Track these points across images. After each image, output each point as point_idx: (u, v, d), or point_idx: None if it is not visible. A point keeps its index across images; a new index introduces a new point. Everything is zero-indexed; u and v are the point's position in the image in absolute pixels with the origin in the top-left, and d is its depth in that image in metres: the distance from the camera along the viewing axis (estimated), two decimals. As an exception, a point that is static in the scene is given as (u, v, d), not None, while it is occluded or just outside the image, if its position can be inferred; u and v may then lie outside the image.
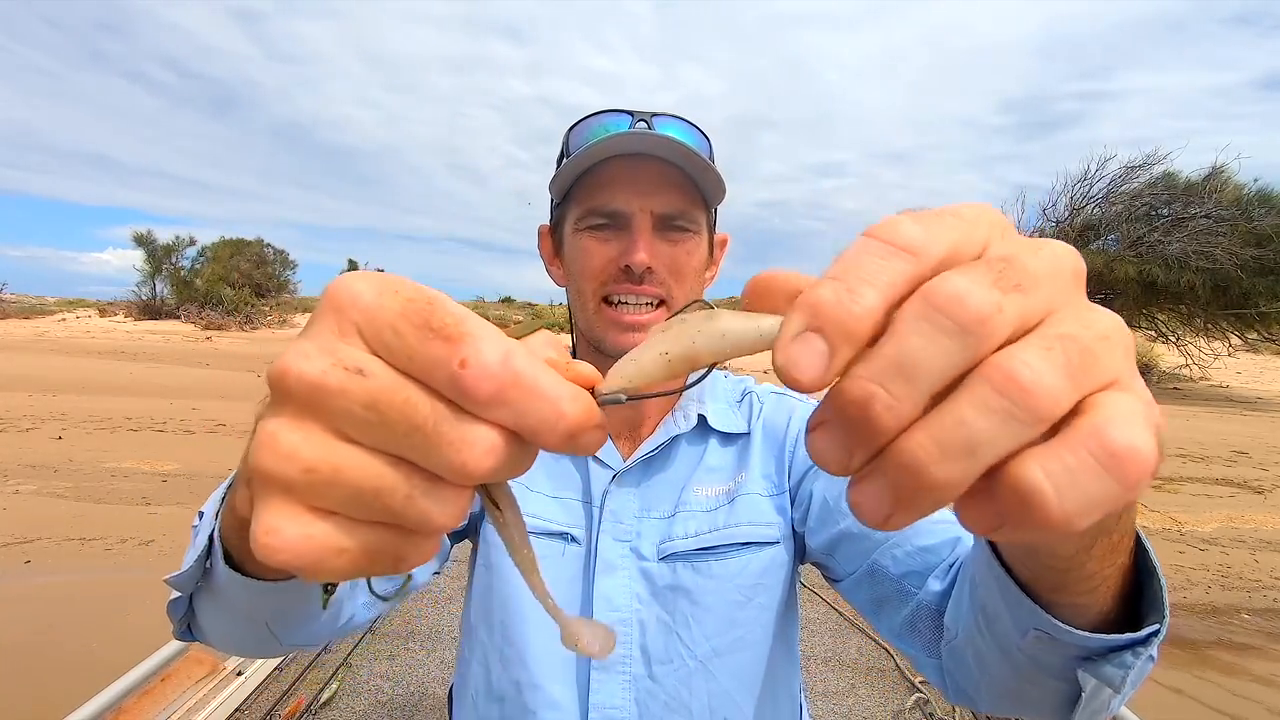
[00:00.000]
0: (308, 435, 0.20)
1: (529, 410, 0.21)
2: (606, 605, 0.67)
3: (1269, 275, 13.35)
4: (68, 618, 2.91)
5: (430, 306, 0.21)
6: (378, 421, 0.20)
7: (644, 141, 0.64)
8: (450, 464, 0.20)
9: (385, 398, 0.20)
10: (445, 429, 0.20)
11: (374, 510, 0.21)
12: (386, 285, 0.21)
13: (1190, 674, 2.93)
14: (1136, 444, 0.17)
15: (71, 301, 25.44)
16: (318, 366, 0.20)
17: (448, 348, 0.20)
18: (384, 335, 0.21)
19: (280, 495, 0.21)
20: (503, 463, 0.21)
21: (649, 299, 0.68)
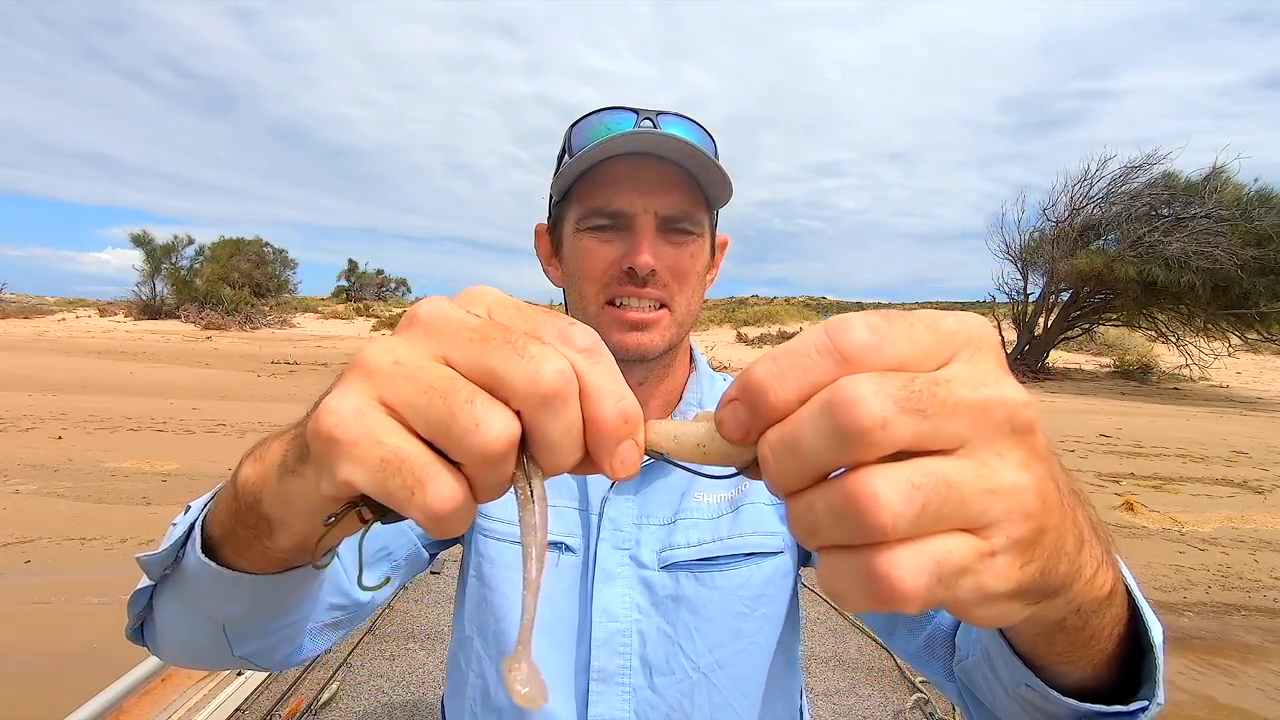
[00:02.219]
0: (414, 346, 0.24)
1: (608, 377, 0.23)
2: (605, 616, 0.66)
3: (1269, 275, 13.34)
4: (68, 618, 2.91)
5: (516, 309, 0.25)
6: (480, 338, 0.23)
7: (649, 141, 0.63)
8: (526, 370, 0.22)
9: (492, 324, 0.24)
10: (533, 348, 0.23)
11: (433, 413, 0.22)
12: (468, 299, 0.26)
13: (1190, 674, 2.93)
14: (896, 579, 0.19)
15: (71, 301, 25.44)
16: (450, 306, 0.25)
17: (560, 318, 0.25)
18: (508, 311, 0.25)
19: (362, 379, 0.24)
20: (566, 388, 0.22)
21: (651, 302, 0.67)
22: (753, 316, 24.68)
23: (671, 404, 0.76)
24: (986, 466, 0.20)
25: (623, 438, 0.23)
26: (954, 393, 0.20)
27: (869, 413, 0.19)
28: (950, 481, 0.19)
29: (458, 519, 0.23)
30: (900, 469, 0.19)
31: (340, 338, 19.08)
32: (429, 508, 0.23)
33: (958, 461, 0.20)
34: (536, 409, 0.22)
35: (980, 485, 0.20)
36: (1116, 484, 5.96)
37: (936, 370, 0.21)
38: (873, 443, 0.19)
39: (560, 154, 0.72)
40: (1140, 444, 7.93)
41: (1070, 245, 15.50)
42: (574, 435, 0.23)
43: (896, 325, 0.21)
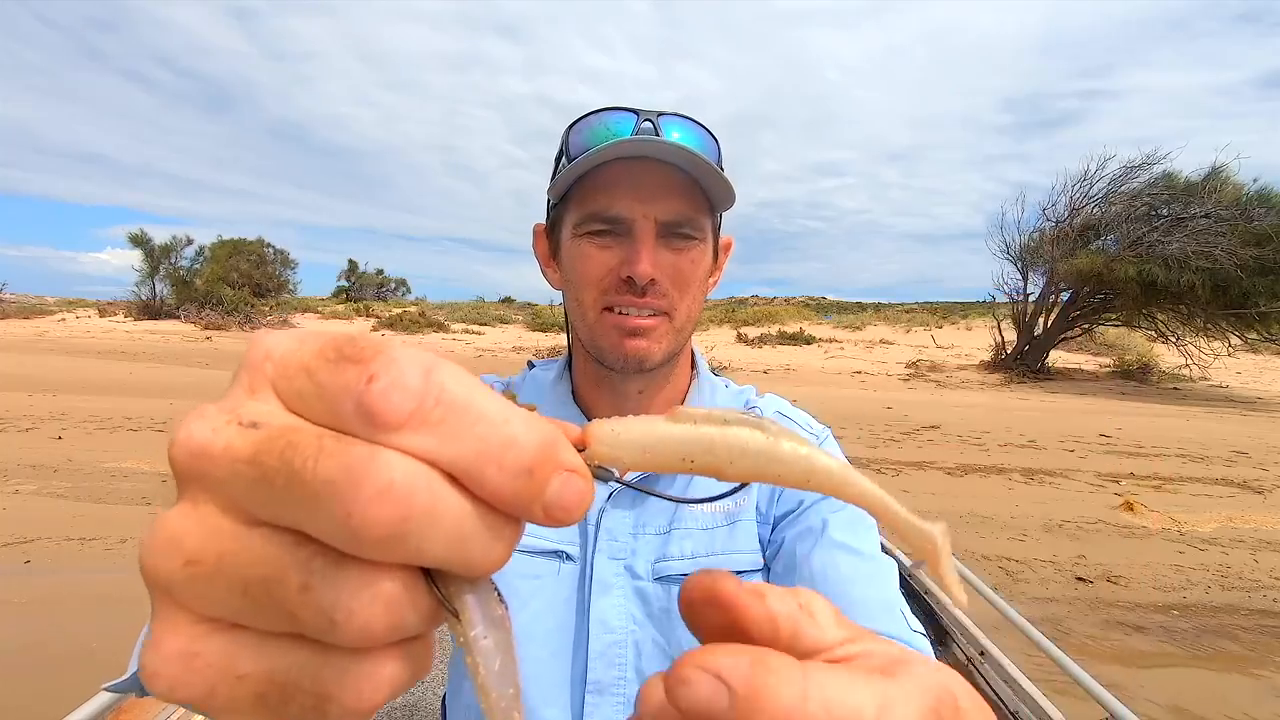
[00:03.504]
0: (200, 519, 0.17)
1: (461, 432, 0.16)
2: (602, 628, 0.66)
3: (1269, 275, 13.32)
4: (68, 618, 2.91)
5: (351, 339, 0.17)
6: (259, 477, 0.16)
7: (648, 147, 0.62)
8: (336, 519, 0.15)
9: (267, 444, 0.16)
10: (330, 468, 0.15)
11: (269, 614, 0.16)
12: (308, 333, 0.18)
13: (1190, 674, 2.93)
14: None
15: (71, 301, 25.45)
16: (208, 428, 0.17)
17: (357, 369, 0.16)
18: (297, 380, 0.17)
19: (166, 601, 0.17)
20: (421, 509, 0.15)
21: (651, 310, 0.66)
22: (753, 316, 24.68)
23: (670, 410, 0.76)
24: None
25: (538, 493, 0.17)
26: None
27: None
28: None
29: (406, 684, 0.18)
30: None
31: (340, 338, 19.06)
32: (359, 711, 0.17)
33: None
34: (387, 553, 0.16)
35: None
36: (1116, 484, 5.96)
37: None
38: None
39: (558, 155, 0.71)
40: (1140, 444, 7.93)
41: (1070, 245, 15.49)
42: (471, 537, 0.16)
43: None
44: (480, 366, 13.55)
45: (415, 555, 0.16)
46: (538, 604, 0.66)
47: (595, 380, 0.73)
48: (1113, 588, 3.77)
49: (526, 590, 0.66)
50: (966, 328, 23.43)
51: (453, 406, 0.16)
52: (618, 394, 0.72)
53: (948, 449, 7.18)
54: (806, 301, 37.34)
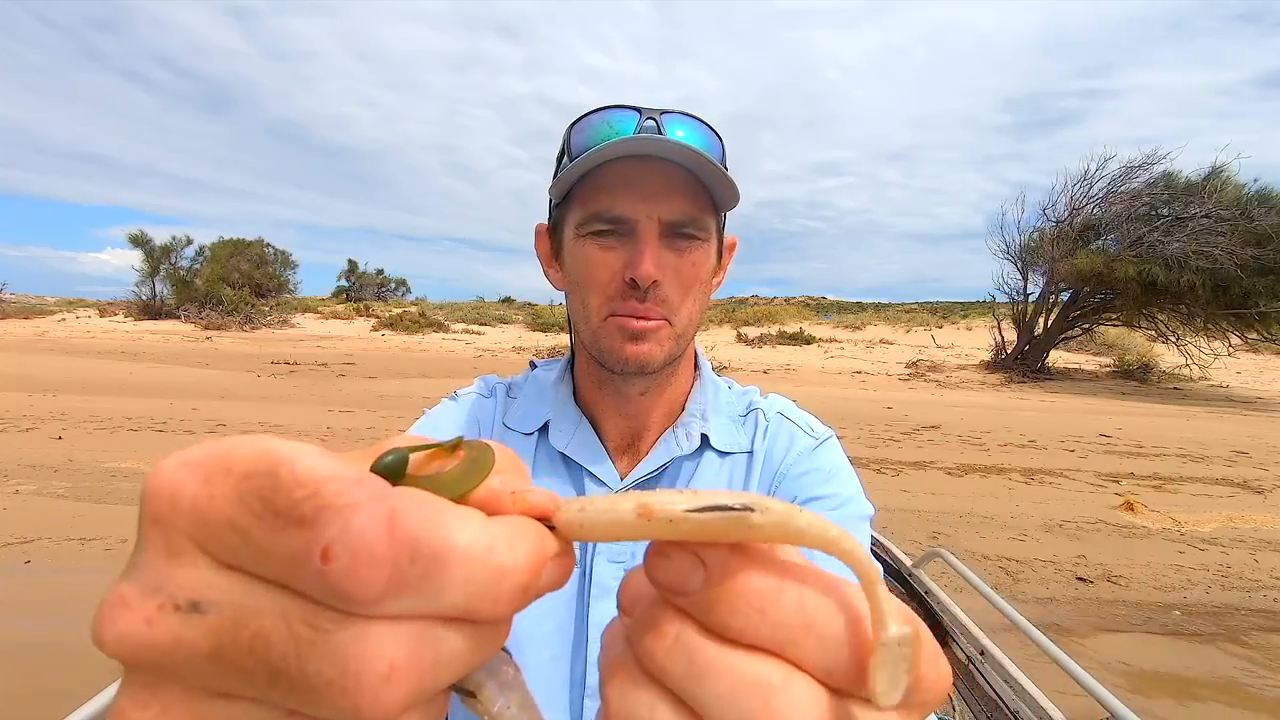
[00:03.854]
0: (161, 711, 0.14)
1: (447, 582, 0.15)
2: (602, 631, 0.65)
3: (1269, 275, 13.33)
4: (68, 618, 2.91)
5: (272, 480, 0.14)
6: (232, 673, 0.14)
7: (651, 146, 0.61)
8: (340, 708, 0.14)
9: (229, 639, 0.14)
10: (317, 662, 0.13)
11: None
12: (213, 466, 0.15)
13: (1190, 674, 2.93)
14: None
15: (71, 301, 25.45)
16: (139, 618, 0.14)
17: (303, 536, 0.14)
18: (226, 539, 0.14)
19: None
20: (430, 669, 0.15)
21: (654, 318, 0.66)
22: (753, 316, 24.68)
23: (674, 413, 0.75)
24: None
25: (533, 591, 0.16)
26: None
27: None
28: None
29: None
30: None
31: (340, 338, 19.08)
32: None
33: None
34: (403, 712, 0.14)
35: None
36: (1116, 484, 5.96)
37: None
38: None
39: (560, 154, 0.70)
40: (1140, 444, 7.93)
41: (1070, 245, 15.49)
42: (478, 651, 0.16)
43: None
44: (480, 366, 13.55)
45: (431, 697, 0.15)
46: (538, 607, 0.65)
47: (597, 382, 0.73)
48: (1113, 588, 3.77)
49: None
50: (966, 328, 23.43)
51: (430, 559, 0.14)
52: (619, 396, 0.72)
53: (948, 449, 7.18)
54: (806, 301, 37.34)
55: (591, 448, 0.73)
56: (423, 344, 18.16)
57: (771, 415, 0.77)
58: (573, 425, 0.74)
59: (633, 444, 0.74)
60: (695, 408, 0.75)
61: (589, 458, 0.72)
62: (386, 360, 14.12)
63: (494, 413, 0.78)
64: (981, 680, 1.36)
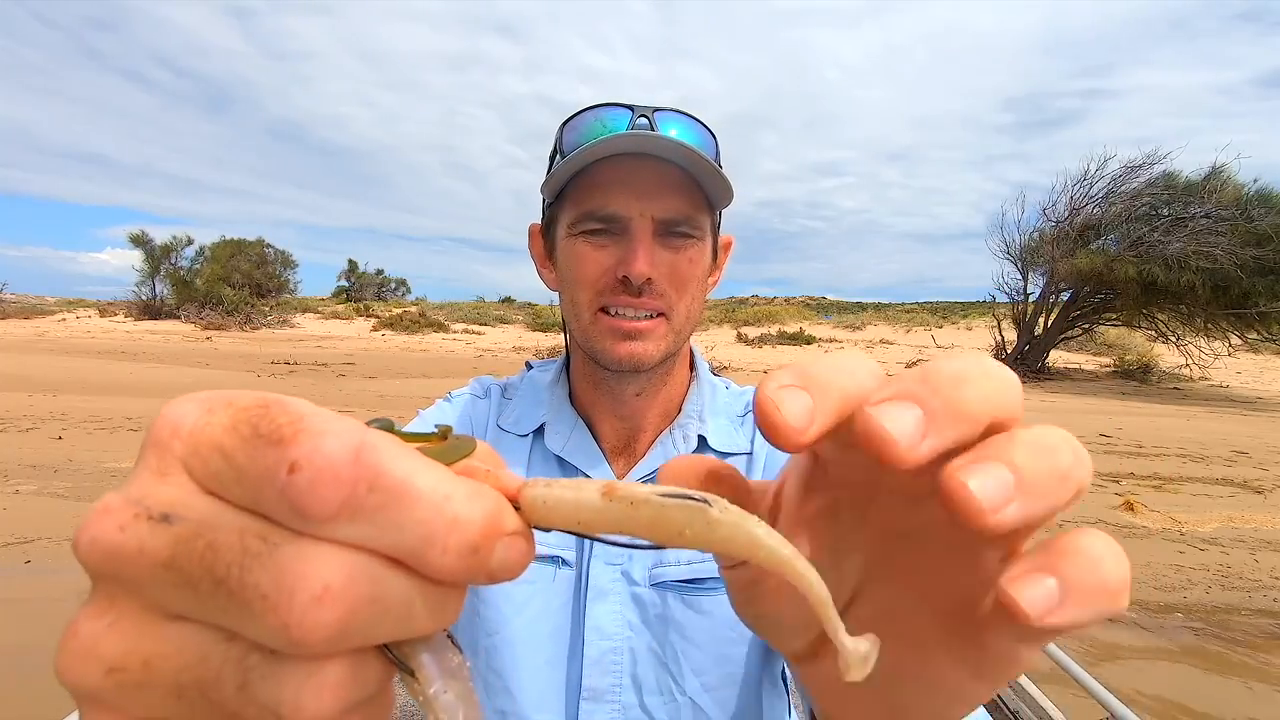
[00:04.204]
0: (116, 620, 0.15)
1: (401, 518, 0.15)
2: (598, 634, 0.65)
3: (1269, 275, 13.33)
4: (68, 618, 2.90)
5: (265, 410, 0.15)
6: (181, 582, 0.14)
7: (644, 143, 0.60)
8: (269, 626, 0.14)
9: (185, 547, 0.14)
10: (260, 579, 0.14)
11: (211, 715, 0.15)
12: (217, 400, 0.16)
13: (1190, 674, 2.93)
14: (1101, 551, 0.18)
15: (71, 301, 25.45)
16: (115, 523, 0.15)
17: (277, 453, 0.14)
18: (211, 461, 0.15)
19: (92, 709, 0.15)
20: (364, 605, 0.15)
21: (648, 312, 0.65)
22: (753, 316, 24.70)
23: (671, 414, 0.74)
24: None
25: (483, 567, 0.16)
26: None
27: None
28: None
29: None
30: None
31: (340, 338, 19.09)
32: None
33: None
34: (334, 647, 0.15)
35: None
36: (1116, 484, 5.95)
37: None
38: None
39: (552, 153, 0.69)
40: (1140, 444, 7.93)
41: (1070, 245, 15.50)
42: (420, 612, 0.16)
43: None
44: (480, 366, 13.55)
45: (362, 643, 0.15)
46: (533, 610, 0.65)
47: (593, 382, 0.72)
48: (1113, 588, 3.77)
49: (522, 596, 0.65)
50: (966, 328, 23.44)
51: (388, 491, 0.15)
52: (615, 396, 0.71)
53: (948, 449, 7.17)
54: (806, 301, 37.36)
55: (587, 450, 0.72)
56: (423, 344, 18.16)
57: None
58: (568, 427, 0.73)
59: (629, 445, 0.73)
60: (692, 408, 0.74)
61: (585, 460, 0.71)
62: (386, 360, 14.12)
63: (488, 414, 0.78)
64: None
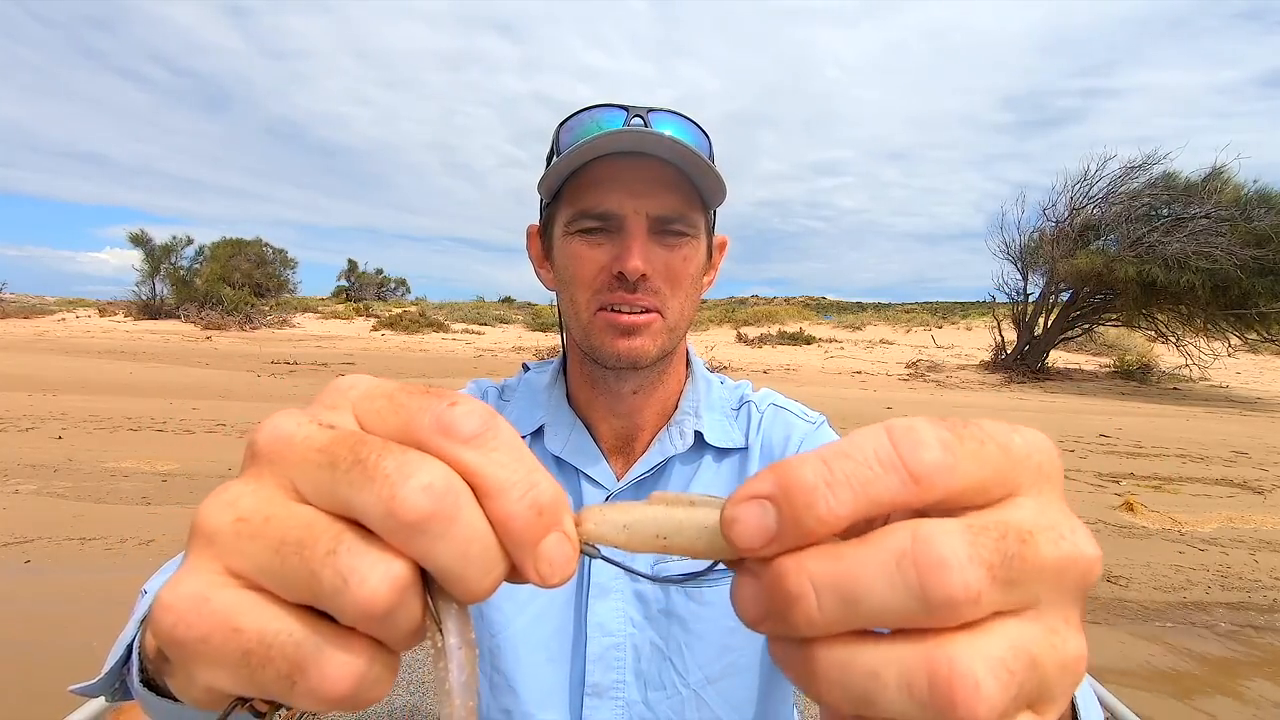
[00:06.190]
0: (258, 488, 0.20)
1: (504, 459, 0.20)
2: (600, 631, 0.66)
3: (1269, 275, 13.32)
4: (68, 617, 2.91)
5: (428, 385, 0.21)
6: (327, 463, 0.19)
7: (638, 140, 0.61)
8: (380, 497, 0.18)
9: (341, 440, 0.19)
10: (389, 463, 0.18)
11: (292, 573, 0.18)
12: (386, 378, 0.22)
13: (1190, 674, 2.93)
14: None
15: (71, 301, 25.44)
16: (294, 422, 0.20)
17: (440, 399, 0.20)
18: (376, 402, 0.21)
19: (203, 550, 0.19)
20: (448, 511, 0.18)
21: (643, 307, 0.66)
22: (752, 316, 24.67)
23: (667, 412, 0.75)
24: (1057, 635, 0.18)
25: (539, 536, 0.19)
26: (1039, 552, 0.18)
27: (964, 583, 0.16)
28: (1036, 661, 0.17)
29: (367, 690, 0.19)
30: (993, 647, 0.17)
31: (340, 337, 19.08)
32: (320, 694, 0.18)
33: (1034, 628, 0.18)
34: (409, 541, 0.18)
35: (1057, 661, 0.18)
36: (1116, 484, 5.95)
37: (1007, 505, 0.19)
38: (959, 615, 0.17)
39: (549, 153, 0.70)
40: (1140, 444, 7.93)
41: (1070, 245, 15.49)
42: (476, 554, 0.19)
43: (968, 443, 0.18)
44: (480, 366, 13.55)
45: (427, 552, 0.18)
46: (535, 608, 0.66)
47: (590, 381, 0.73)
48: (1113, 588, 3.77)
49: (525, 594, 0.65)
50: (966, 328, 23.44)
51: (504, 443, 0.20)
52: (612, 394, 0.72)
53: (948, 449, 7.16)
54: (806, 301, 37.35)
55: (587, 450, 0.73)
56: (423, 344, 18.15)
57: (764, 407, 0.77)
58: (567, 428, 0.74)
59: (627, 444, 0.74)
60: (688, 405, 0.75)
61: (585, 460, 0.72)
62: (386, 360, 14.12)
63: None
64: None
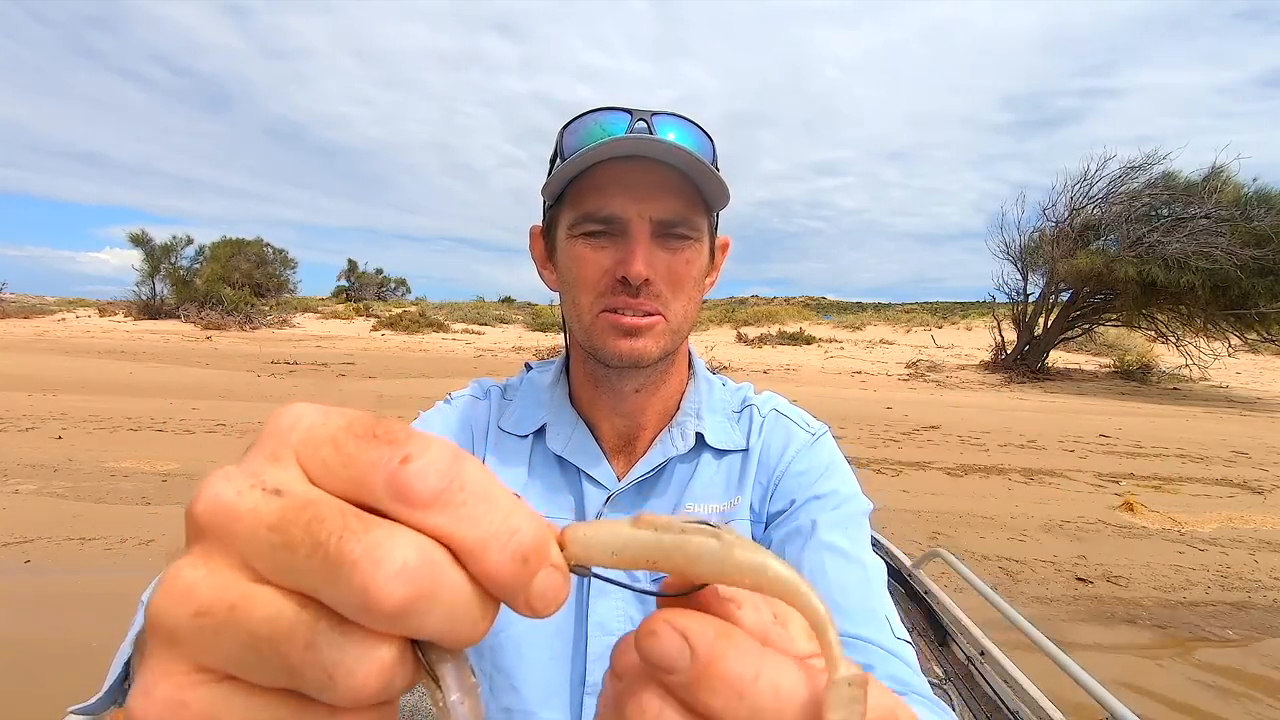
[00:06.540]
0: (212, 572, 0.17)
1: (477, 515, 0.18)
2: (600, 630, 0.66)
3: (1269, 275, 13.32)
4: (68, 617, 2.91)
5: (378, 419, 0.18)
6: (281, 544, 0.17)
7: (642, 146, 0.62)
8: (352, 589, 0.16)
9: (292, 514, 0.17)
10: (353, 548, 0.16)
11: (270, 668, 0.17)
12: (334, 410, 0.19)
13: (1190, 674, 2.93)
14: None
15: (71, 301, 25.44)
16: (234, 489, 0.18)
17: (390, 449, 0.18)
18: (322, 452, 0.18)
19: (167, 650, 0.17)
20: (429, 589, 0.17)
21: (646, 311, 0.66)
22: (753, 316, 24.67)
23: (668, 412, 0.75)
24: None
25: (528, 581, 0.18)
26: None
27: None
28: None
29: None
30: None
31: (340, 338, 19.08)
32: None
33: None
34: (391, 626, 0.17)
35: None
36: (1116, 484, 5.96)
37: None
38: None
39: (553, 156, 0.71)
40: (1140, 444, 7.93)
41: (1070, 245, 15.49)
42: (464, 614, 0.18)
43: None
44: (480, 366, 13.55)
45: (414, 629, 0.17)
46: None
47: (593, 381, 0.74)
48: (1113, 588, 3.77)
49: None
50: (966, 328, 23.44)
51: (473, 492, 0.18)
52: (614, 394, 0.72)
53: (948, 449, 7.18)
54: (806, 301, 37.36)
55: (588, 450, 0.73)
56: (423, 344, 18.16)
57: (766, 412, 0.78)
58: (569, 428, 0.74)
59: (629, 444, 0.74)
60: (690, 406, 0.75)
61: (586, 460, 0.73)
62: (386, 360, 14.12)
63: (488, 415, 0.78)
64: (981, 680, 1.37)
